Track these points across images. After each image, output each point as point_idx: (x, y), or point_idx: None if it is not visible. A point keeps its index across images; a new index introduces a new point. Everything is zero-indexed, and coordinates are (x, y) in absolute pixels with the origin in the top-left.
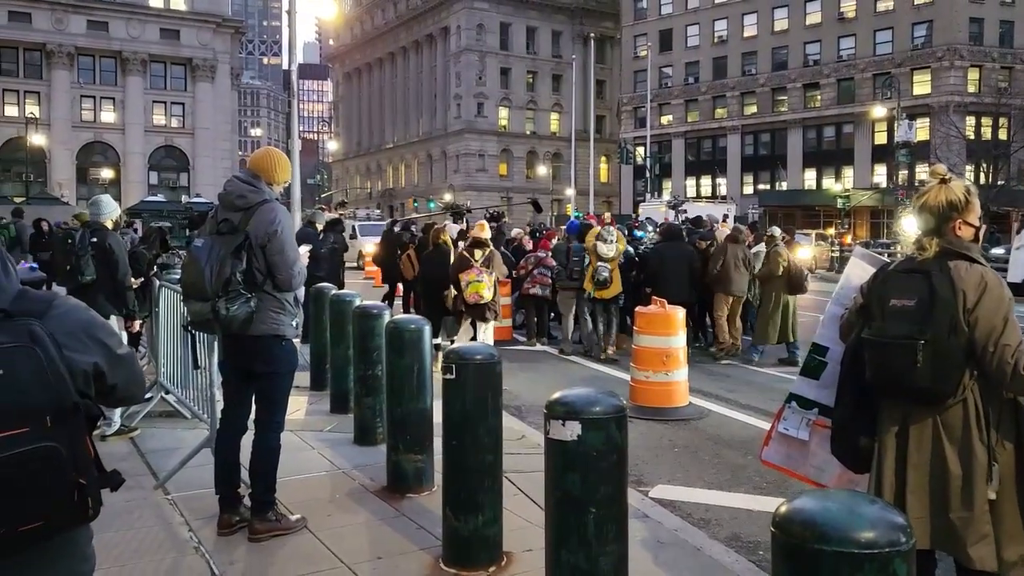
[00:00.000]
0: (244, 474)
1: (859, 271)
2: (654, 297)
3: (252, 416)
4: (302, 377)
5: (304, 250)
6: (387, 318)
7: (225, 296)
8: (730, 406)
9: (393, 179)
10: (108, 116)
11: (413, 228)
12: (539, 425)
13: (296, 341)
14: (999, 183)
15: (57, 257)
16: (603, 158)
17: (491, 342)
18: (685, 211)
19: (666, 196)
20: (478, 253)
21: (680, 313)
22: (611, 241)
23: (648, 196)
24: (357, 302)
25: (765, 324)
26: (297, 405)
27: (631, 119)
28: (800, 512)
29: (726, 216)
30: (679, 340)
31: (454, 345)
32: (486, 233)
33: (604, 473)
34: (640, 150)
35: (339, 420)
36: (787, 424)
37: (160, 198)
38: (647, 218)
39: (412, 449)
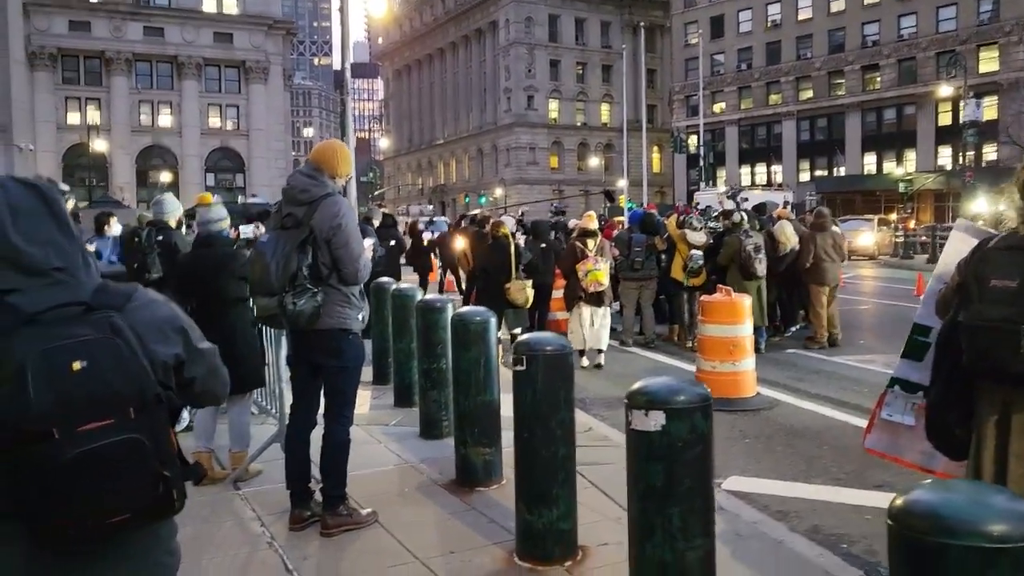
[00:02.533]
0: (315, 469)
1: (961, 245)
2: (719, 285)
3: (321, 411)
4: (365, 372)
5: (368, 244)
6: (451, 312)
7: (292, 291)
8: (800, 396)
9: (444, 175)
10: (165, 120)
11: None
12: (604, 417)
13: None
14: None
15: (124, 256)
16: (655, 148)
17: (608, 325)
18: (746, 199)
19: (720, 185)
20: (591, 243)
21: (747, 301)
22: (700, 228)
23: (702, 185)
24: (419, 296)
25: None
26: (361, 399)
27: (683, 108)
28: (919, 503)
29: (787, 203)
30: (746, 328)
31: (522, 336)
32: (594, 224)
33: (689, 464)
34: (693, 139)
35: (404, 414)
36: (890, 410)
37: (217, 199)
38: (708, 206)
39: (480, 442)
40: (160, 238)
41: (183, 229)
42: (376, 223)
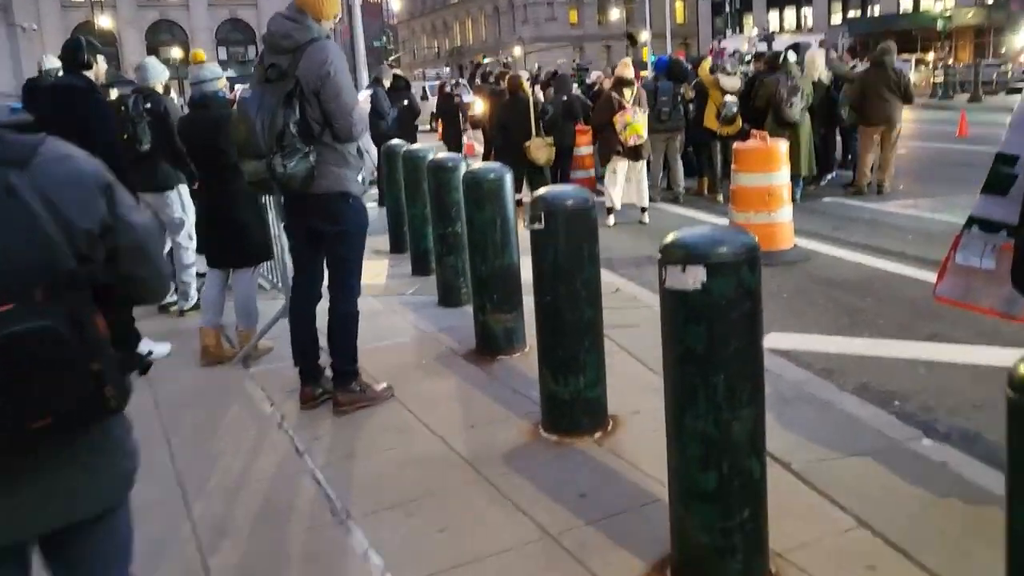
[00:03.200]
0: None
1: None
2: (753, 131)
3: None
4: (381, 241)
5: (364, 96)
6: (463, 170)
7: (280, 152)
8: (838, 245)
9: (460, 36)
10: None
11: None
12: (632, 276)
13: (373, 205)
14: None
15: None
16: None
17: (646, 180)
18: (773, 41)
19: (748, 31)
20: (627, 93)
21: (783, 146)
22: (734, 73)
23: (728, 32)
24: (431, 156)
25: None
26: (377, 270)
27: None
28: None
29: (822, 42)
30: (783, 176)
31: (540, 191)
32: (630, 72)
33: (736, 325)
34: None
35: (421, 282)
36: (966, 253)
37: (231, 73)
38: (736, 50)
39: (500, 308)
40: (148, 106)
41: (173, 94)
42: (387, 84)
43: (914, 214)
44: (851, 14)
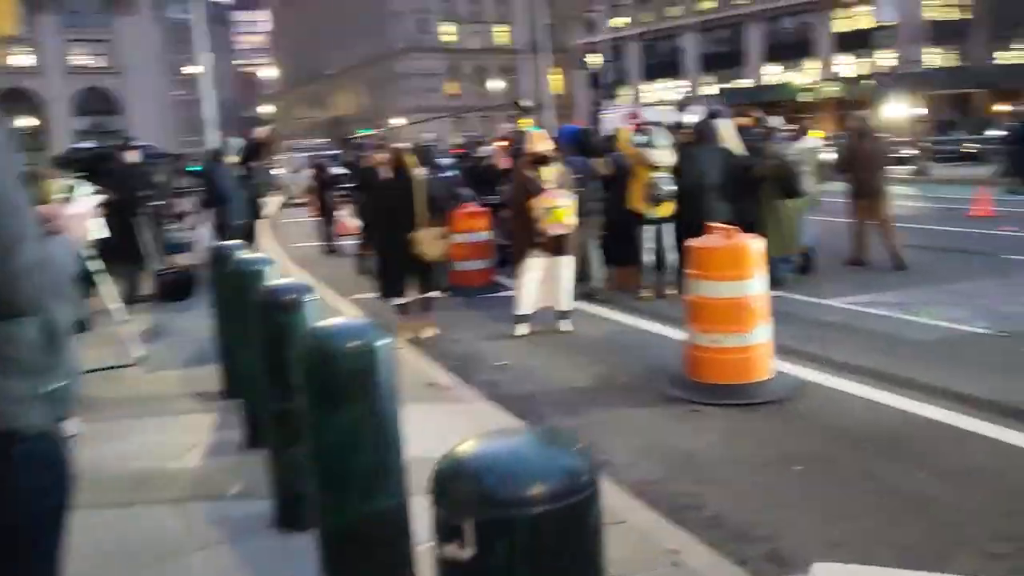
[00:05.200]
0: None
1: None
2: (712, 225)
3: None
4: (209, 377)
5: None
6: (307, 314)
7: None
8: (826, 368)
9: (340, 107)
10: (23, 59)
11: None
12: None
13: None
14: None
15: None
16: (558, 69)
17: (572, 279)
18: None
19: (624, 105)
20: (546, 171)
21: (757, 244)
22: (665, 145)
23: (605, 104)
24: (267, 277)
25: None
26: (195, 435)
27: (582, 25)
28: None
29: (744, 110)
30: (758, 284)
31: (457, 450)
32: (547, 145)
33: None
34: (594, 58)
35: (255, 462)
36: None
37: (91, 144)
38: (656, 122)
39: None
40: None
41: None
42: (231, 159)
43: (882, 314)
44: (723, 86)
